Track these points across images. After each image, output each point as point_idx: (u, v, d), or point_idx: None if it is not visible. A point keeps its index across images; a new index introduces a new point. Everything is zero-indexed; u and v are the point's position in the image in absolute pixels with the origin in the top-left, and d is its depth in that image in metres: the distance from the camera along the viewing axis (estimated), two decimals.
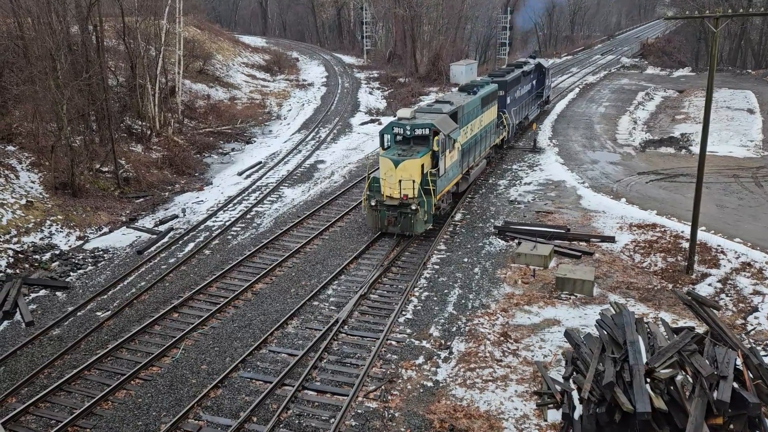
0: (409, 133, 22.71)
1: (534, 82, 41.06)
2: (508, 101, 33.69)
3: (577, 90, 58.31)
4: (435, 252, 22.51)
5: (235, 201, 29.18)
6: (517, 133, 38.45)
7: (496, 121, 31.76)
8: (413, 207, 21.58)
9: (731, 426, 11.82)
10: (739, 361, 12.46)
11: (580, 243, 22.98)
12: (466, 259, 21.89)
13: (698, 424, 11.12)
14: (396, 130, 23.09)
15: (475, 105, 27.39)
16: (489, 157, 31.99)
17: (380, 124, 43.65)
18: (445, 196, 23.85)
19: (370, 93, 60.18)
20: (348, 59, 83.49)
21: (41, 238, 24.07)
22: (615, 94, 56.08)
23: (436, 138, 22.39)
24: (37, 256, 22.77)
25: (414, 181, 21.56)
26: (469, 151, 26.83)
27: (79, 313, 18.86)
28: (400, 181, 21.59)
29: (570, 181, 30.13)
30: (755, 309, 17.74)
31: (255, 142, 43.39)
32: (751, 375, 12.24)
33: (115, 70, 41.12)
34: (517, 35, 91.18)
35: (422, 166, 21.98)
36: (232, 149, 41.52)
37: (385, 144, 23.76)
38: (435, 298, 19.13)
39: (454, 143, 23.53)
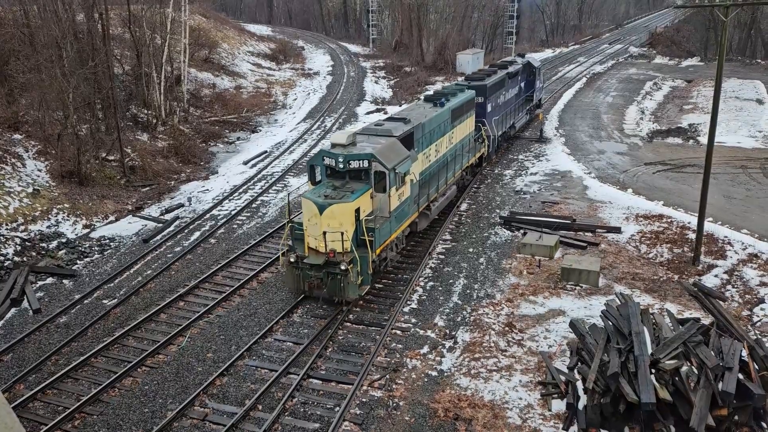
0: (342, 165, 17.48)
1: (522, 84, 36.07)
2: (489, 109, 28.98)
3: (584, 80, 57.94)
4: (440, 242, 22.49)
5: (240, 190, 29.21)
6: (501, 146, 33.48)
7: (474, 134, 27.20)
8: (343, 267, 16.34)
9: (736, 417, 11.83)
10: (744, 353, 12.45)
11: (586, 234, 22.91)
12: (471, 249, 21.87)
13: (703, 415, 11.13)
14: (327, 161, 17.93)
15: (441, 120, 22.79)
16: (463, 180, 27.06)
17: (386, 113, 43.48)
18: (393, 242, 19.12)
19: (376, 82, 59.96)
20: (354, 48, 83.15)
21: (48, 227, 24.17)
22: (622, 83, 55.70)
23: (379, 172, 17.66)
24: (44, 245, 22.88)
25: (344, 233, 16.44)
26: (432, 180, 22.15)
27: (85, 301, 18.97)
28: (325, 233, 16.47)
29: (576, 172, 30.01)
30: (761, 300, 17.68)
31: (260, 131, 43.36)
32: (756, 366, 12.23)
33: (120, 59, 41.08)
34: (524, 24, 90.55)
35: (357, 211, 16.94)
36: (238, 138, 41.52)
37: (317, 177, 18.77)
38: (440, 288, 19.14)
39: (404, 177, 18.60)
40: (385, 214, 17.99)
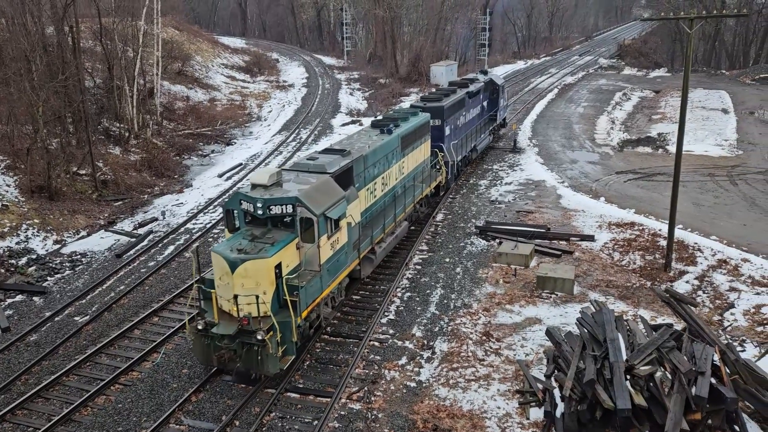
0: (261, 212, 14.72)
1: (485, 103, 34.32)
2: (448, 132, 27.03)
3: (556, 90, 58.85)
4: (417, 252, 22.54)
5: (216, 203, 28.94)
6: (462, 171, 31.30)
7: (430, 161, 25.18)
8: (259, 336, 13.59)
9: (709, 421, 12.01)
10: (716, 357, 12.67)
11: (561, 242, 23.19)
12: (447, 259, 21.96)
13: (677, 419, 11.28)
14: (245, 205, 15.04)
15: (390, 149, 20.59)
16: (417, 213, 24.62)
17: (361, 125, 43.58)
18: (327, 298, 16.31)
19: (351, 94, 60.14)
20: (328, 60, 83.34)
21: (17, 243, 23.64)
22: (593, 94, 56.71)
23: (306, 219, 14.81)
24: (13, 261, 22.36)
25: (260, 295, 13.69)
26: (378, 219, 19.84)
27: (56, 319, 18.56)
28: (236, 296, 13.71)
29: (550, 181, 30.40)
30: (731, 305, 18.05)
31: (235, 143, 43.10)
32: (728, 370, 12.46)
33: (92, 72, 40.57)
34: (496, 36, 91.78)
35: (278, 266, 14.12)
36: (212, 151, 41.20)
37: (236, 223, 15.60)
38: (417, 299, 19.16)
39: (338, 222, 16.09)
40: (314, 267, 15.17)
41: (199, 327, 14.17)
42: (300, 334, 14.91)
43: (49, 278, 21.49)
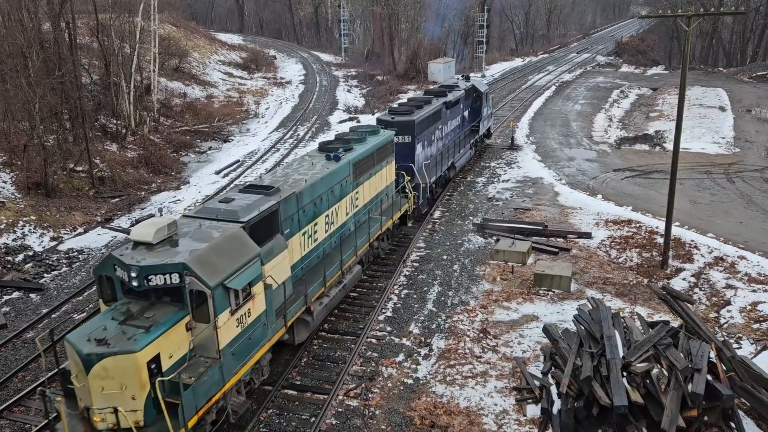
0: (137, 282, 10.89)
1: (466, 113, 31.16)
2: (419, 150, 23.58)
3: (553, 88, 58.87)
4: (414, 249, 22.56)
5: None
6: (437, 194, 27.45)
7: (394, 186, 21.56)
8: None
9: (705, 418, 12.06)
10: (712, 354, 12.71)
11: (558, 239, 23.23)
12: (445, 257, 21.98)
13: (674, 416, 11.32)
14: (119, 272, 11.19)
15: (337, 179, 16.97)
16: (377, 249, 20.71)
17: (359, 122, 43.54)
18: (236, 385, 12.54)
19: (348, 91, 60.06)
20: (326, 57, 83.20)
21: (14, 239, 23.58)
22: (591, 92, 56.75)
23: (197, 291, 10.99)
24: (9, 258, 22.31)
25: (126, 404, 10.17)
26: (317, 268, 15.92)
27: (53, 315, 18.53)
28: (88, 409, 10.32)
29: (547, 178, 30.43)
30: (728, 302, 18.10)
31: (232, 140, 43.04)
32: (724, 367, 12.51)
33: (88, 68, 40.44)
34: (494, 33, 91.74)
35: (154, 361, 10.40)
36: (210, 148, 41.14)
37: (112, 292, 11.65)
38: (415, 296, 19.18)
39: (251, 289, 12.15)
40: (211, 354, 11.40)
41: None
42: None
43: (45, 275, 21.45)
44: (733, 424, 12.24)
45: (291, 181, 15.61)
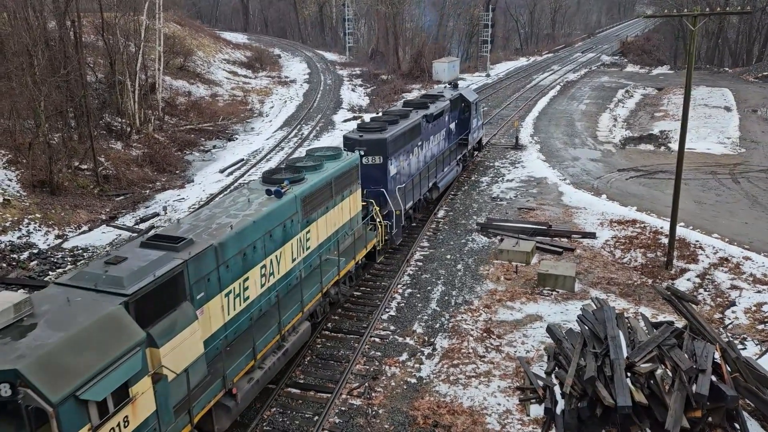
0: None
1: (452, 125, 28.11)
2: (393, 172, 20.65)
3: (558, 87, 58.78)
4: (418, 249, 22.55)
5: (217, 198, 28.96)
6: (414, 220, 24.05)
7: (359, 218, 18.68)
8: None
9: (710, 419, 12.03)
10: (717, 355, 12.68)
11: (562, 239, 23.18)
12: (449, 256, 21.96)
13: (678, 417, 11.30)
14: None
15: (279, 220, 13.90)
16: (336, 295, 17.14)
17: (362, 121, 43.45)
18: None
19: (353, 90, 60.07)
20: (330, 56, 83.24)
21: (19, 237, 23.68)
22: (595, 91, 56.62)
23: (36, 409, 7.76)
24: (14, 255, 22.40)
25: None
26: (246, 336, 12.73)
27: None
28: None
29: (551, 178, 30.37)
30: (733, 303, 18.04)
31: (237, 139, 43.09)
32: (728, 368, 12.48)
33: (93, 67, 40.56)
34: (499, 33, 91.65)
35: None
36: (214, 146, 41.20)
37: None
38: (418, 295, 19.17)
39: (121, 401, 8.75)
40: None
41: None
42: None
43: (50, 273, 21.52)
44: (737, 425, 12.20)
45: (214, 227, 12.32)
